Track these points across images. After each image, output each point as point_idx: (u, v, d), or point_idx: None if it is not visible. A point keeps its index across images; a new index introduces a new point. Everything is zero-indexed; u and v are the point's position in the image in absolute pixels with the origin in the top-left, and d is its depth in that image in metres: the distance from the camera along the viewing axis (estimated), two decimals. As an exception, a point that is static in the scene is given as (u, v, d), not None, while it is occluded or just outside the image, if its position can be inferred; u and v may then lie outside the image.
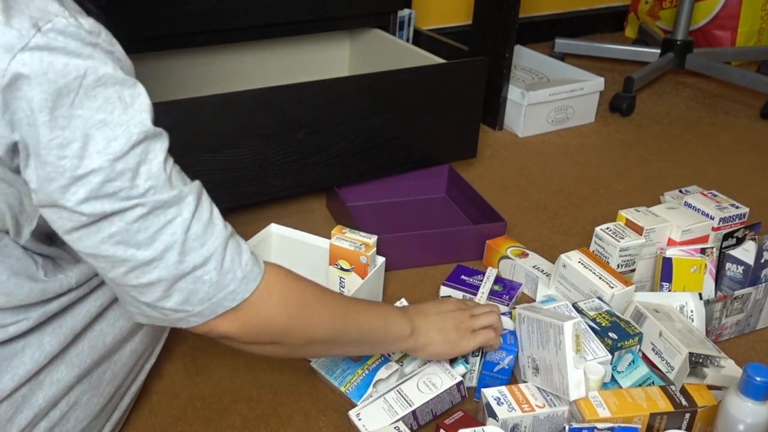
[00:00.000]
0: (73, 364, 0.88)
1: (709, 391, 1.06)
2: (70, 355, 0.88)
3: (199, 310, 0.80)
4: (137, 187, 0.73)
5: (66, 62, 0.69)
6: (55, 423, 0.88)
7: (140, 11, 1.55)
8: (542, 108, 2.05)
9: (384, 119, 1.56)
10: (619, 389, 1.05)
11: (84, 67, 0.70)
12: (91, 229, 0.74)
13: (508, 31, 1.95)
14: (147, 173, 0.74)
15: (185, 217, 0.76)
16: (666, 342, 1.11)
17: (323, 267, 1.31)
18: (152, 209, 0.75)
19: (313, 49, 1.94)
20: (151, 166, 0.74)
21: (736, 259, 1.31)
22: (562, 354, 1.01)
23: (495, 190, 1.78)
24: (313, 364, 1.13)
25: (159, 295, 0.78)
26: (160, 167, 0.75)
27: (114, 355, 0.95)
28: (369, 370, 1.10)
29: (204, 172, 1.40)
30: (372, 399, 1.06)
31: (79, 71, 0.70)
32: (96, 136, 0.71)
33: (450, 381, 1.08)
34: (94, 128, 0.71)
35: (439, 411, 1.10)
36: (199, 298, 0.79)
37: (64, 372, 0.87)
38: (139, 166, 0.73)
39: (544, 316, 1.05)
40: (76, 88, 0.70)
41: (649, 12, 2.79)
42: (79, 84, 0.70)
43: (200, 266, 0.77)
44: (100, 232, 0.74)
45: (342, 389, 1.09)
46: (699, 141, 2.10)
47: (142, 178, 0.74)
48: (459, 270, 1.42)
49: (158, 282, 0.77)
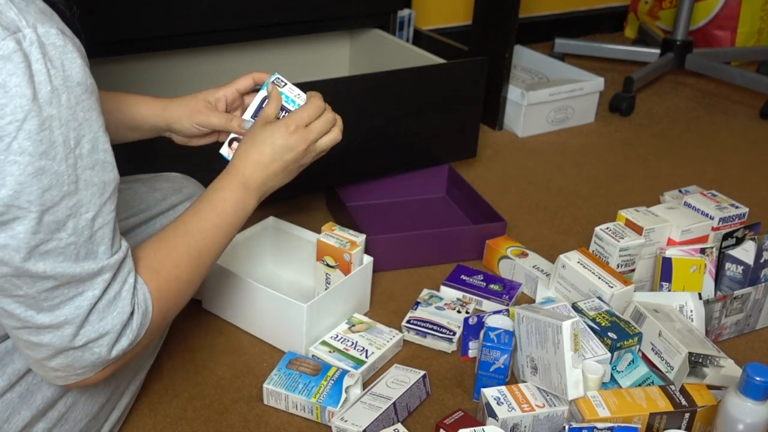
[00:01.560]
0: None
1: (709, 390, 1.06)
2: None
3: (81, 372, 0.79)
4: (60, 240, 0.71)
5: None
6: (53, 424, 0.88)
7: (140, 11, 1.55)
8: (542, 108, 2.05)
9: (384, 119, 1.56)
10: (619, 389, 1.05)
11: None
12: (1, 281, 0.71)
13: (508, 31, 1.95)
14: (73, 227, 0.72)
15: (95, 293, 0.75)
16: (665, 342, 1.11)
17: (317, 263, 1.32)
18: (64, 283, 0.73)
19: (313, 49, 1.94)
20: (79, 221, 0.72)
21: (736, 259, 1.31)
22: (560, 353, 1.01)
23: (495, 190, 1.78)
24: (267, 384, 1.12)
25: (44, 355, 0.76)
26: (87, 223, 0.73)
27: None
28: (333, 380, 1.12)
29: (204, 171, 1.40)
30: (350, 404, 1.08)
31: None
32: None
33: (416, 376, 1.13)
34: None
35: (413, 407, 1.13)
36: (83, 365, 0.78)
37: None
38: (68, 220, 0.71)
39: (543, 315, 1.05)
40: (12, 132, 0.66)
41: (649, 12, 2.79)
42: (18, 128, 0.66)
43: (93, 341, 0.77)
44: (4, 290, 0.72)
45: (313, 400, 1.09)
46: (699, 141, 2.10)
47: (66, 232, 0.71)
48: (459, 270, 1.42)
49: (48, 346, 0.75)
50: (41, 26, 0.67)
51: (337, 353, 1.19)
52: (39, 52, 0.66)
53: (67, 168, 0.70)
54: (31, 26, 0.66)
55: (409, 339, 1.27)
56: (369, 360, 1.19)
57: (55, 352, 0.76)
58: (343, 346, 1.21)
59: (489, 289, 1.37)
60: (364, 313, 1.32)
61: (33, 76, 0.66)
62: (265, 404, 1.13)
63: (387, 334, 1.24)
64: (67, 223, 0.71)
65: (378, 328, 1.26)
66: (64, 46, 0.69)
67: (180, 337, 1.24)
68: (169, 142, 1.10)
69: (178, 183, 1.17)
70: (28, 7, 0.67)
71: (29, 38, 0.66)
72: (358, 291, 1.30)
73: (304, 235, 1.36)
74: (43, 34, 0.67)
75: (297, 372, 1.13)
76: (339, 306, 1.26)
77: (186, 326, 1.27)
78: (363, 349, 1.20)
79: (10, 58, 0.65)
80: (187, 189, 1.17)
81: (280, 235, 1.39)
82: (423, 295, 1.36)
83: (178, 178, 1.19)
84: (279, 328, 1.22)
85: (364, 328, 1.26)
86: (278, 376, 1.12)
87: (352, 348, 1.21)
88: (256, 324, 1.25)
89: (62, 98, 0.68)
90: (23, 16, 0.66)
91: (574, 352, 1.01)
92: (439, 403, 1.15)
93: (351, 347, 1.21)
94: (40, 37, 0.67)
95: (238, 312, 1.27)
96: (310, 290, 1.35)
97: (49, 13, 0.70)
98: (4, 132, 0.65)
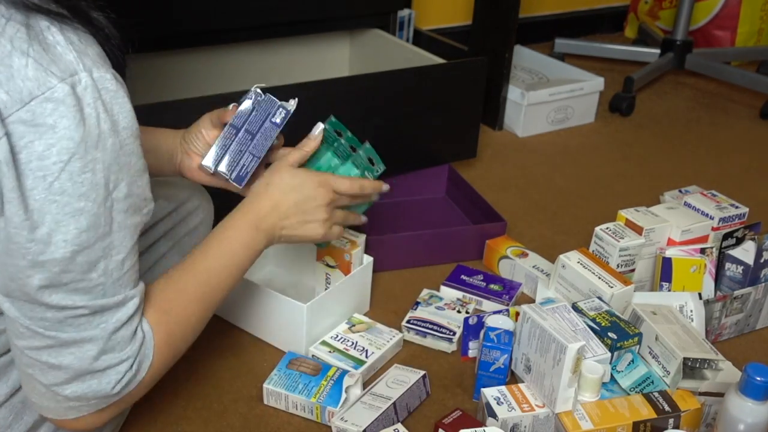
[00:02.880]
0: None
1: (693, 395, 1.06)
2: None
3: (93, 403, 0.79)
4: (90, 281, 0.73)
5: None
6: (56, 428, 0.88)
7: (140, 11, 1.55)
8: (542, 108, 2.05)
9: (384, 119, 1.56)
10: (602, 400, 1.04)
11: None
12: (27, 306, 0.72)
13: (508, 31, 1.95)
14: (104, 269, 0.73)
15: (120, 318, 0.76)
16: (662, 346, 1.11)
17: (317, 263, 1.31)
18: (93, 312, 0.74)
19: (313, 49, 1.94)
20: (109, 263, 0.74)
21: (736, 259, 1.31)
22: (558, 370, 1.01)
23: (495, 190, 1.78)
24: (267, 384, 1.12)
25: (60, 380, 0.76)
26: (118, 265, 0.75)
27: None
28: (333, 380, 1.12)
29: (204, 172, 1.40)
30: (350, 404, 1.08)
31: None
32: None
33: (416, 376, 1.13)
34: None
35: (413, 407, 1.13)
36: (96, 395, 0.78)
37: None
38: (99, 261, 0.73)
39: (550, 326, 1.04)
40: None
41: (649, 12, 2.79)
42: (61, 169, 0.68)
43: (112, 367, 0.77)
44: (35, 311, 0.73)
45: (313, 400, 1.09)
46: (699, 141, 2.10)
47: (97, 273, 0.73)
48: (459, 270, 1.42)
49: (67, 368, 0.75)
50: (97, 70, 0.69)
51: (337, 353, 1.19)
52: (92, 96, 0.68)
53: (104, 210, 0.71)
54: (87, 70, 0.68)
55: (409, 339, 1.27)
56: (369, 360, 1.19)
57: (74, 375, 0.76)
58: (343, 346, 1.21)
59: (489, 289, 1.37)
60: (364, 313, 1.32)
61: (84, 120, 0.68)
62: (265, 404, 1.13)
63: (387, 334, 1.24)
64: (98, 264, 0.73)
65: (378, 328, 1.26)
66: (116, 91, 0.70)
67: (180, 337, 1.24)
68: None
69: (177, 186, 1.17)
70: (87, 50, 0.69)
71: (84, 82, 0.68)
72: (358, 291, 1.30)
73: (304, 235, 1.36)
74: (98, 79, 0.69)
75: (297, 372, 1.13)
76: (339, 306, 1.26)
77: (186, 326, 1.27)
78: (363, 349, 1.20)
79: (63, 101, 0.66)
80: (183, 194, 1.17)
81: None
82: (423, 295, 1.36)
83: (177, 182, 1.18)
84: (279, 328, 1.22)
85: (364, 328, 1.26)
86: (278, 376, 1.12)
87: (352, 348, 1.21)
88: (256, 324, 1.25)
89: (108, 143, 0.70)
90: (81, 59, 0.68)
91: (572, 374, 1.01)
92: (439, 403, 1.15)
93: (351, 347, 1.21)
94: (95, 81, 0.68)
95: (238, 312, 1.27)
96: (310, 290, 1.35)
97: (104, 56, 0.71)
98: (48, 171, 0.67)
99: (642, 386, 1.10)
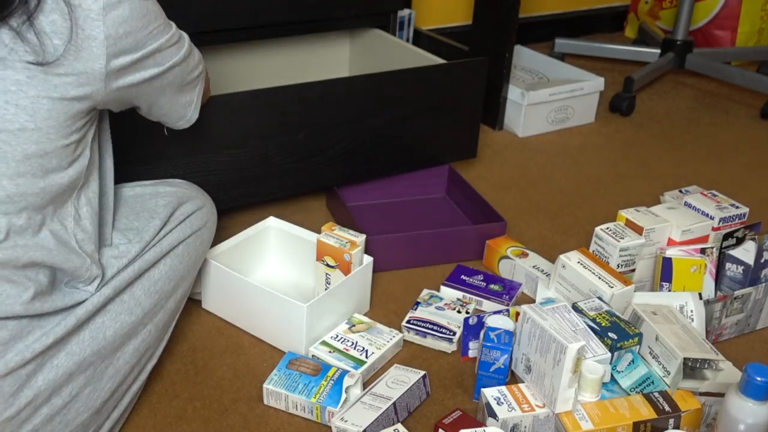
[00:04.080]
0: (73, 352, 0.91)
1: (693, 395, 1.06)
2: (71, 344, 0.92)
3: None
4: None
5: None
6: (56, 411, 0.90)
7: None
8: (542, 108, 2.05)
9: (384, 119, 1.56)
10: (602, 401, 1.04)
11: None
12: None
13: (508, 31, 1.95)
14: None
15: None
16: (662, 346, 1.11)
17: (319, 264, 1.31)
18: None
19: (313, 49, 1.94)
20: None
21: (736, 259, 1.31)
22: (559, 370, 1.01)
23: (495, 190, 1.78)
24: (267, 385, 1.12)
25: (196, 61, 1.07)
26: None
27: (117, 352, 0.98)
28: (333, 380, 1.12)
29: (205, 172, 1.40)
30: (350, 404, 1.08)
31: None
32: None
33: (416, 376, 1.13)
34: None
35: (413, 407, 1.13)
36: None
37: (64, 359, 0.90)
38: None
39: (550, 326, 1.04)
40: None
41: (649, 12, 2.79)
42: None
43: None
44: None
45: (313, 400, 1.09)
46: (699, 141, 2.10)
47: None
48: (459, 270, 1.42)
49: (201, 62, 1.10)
50: None
51: (337, 353, 1.19)
52: None
53: None
54: None
55: (409, 339, 1.27)
56: (369, 360, 1.19)
57: (200, 60, 1.11)
58: (343, 346, 1.21)
59: (489, 289, 1.37)
60: (364, 313, 1.32)
61: None
62: (265, 404, 1.13)
63: (387, 334, 1.24)
64: None
65: (378, 328, 1.26)
66: None
67: (180, 338, 1.24)
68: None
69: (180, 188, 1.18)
70: None
71: None
72: (358, 291, 1.30)
73: (304, 235, 1.36)
74: None
75: (297, 372, 1.13)
76: (339, 306, 1.26)
77: (186, 326, 1.27)
78: (363, 349, 1.20)
79: None
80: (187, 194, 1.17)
81: (280, 235, 1.39)
82: (423, 295, 1.36)
83: (181, 184, 1.19)
84: (279, 328, 1.22)
85: (364, 328, 1.26)
86: (278, 376, 1.12)
87: (352, 348, 1.21)
88: (256, 324, 1.25)
89: None
90: None
91: (572, 374, 1.01)
92: (439, 403, 1.15)
93: (351, 347, 1.21)
94: None
95: (238, 312, 1.27)
96: (310, 290, 1.35)
97: None
98: None
99: (642, 386, 1.10)
